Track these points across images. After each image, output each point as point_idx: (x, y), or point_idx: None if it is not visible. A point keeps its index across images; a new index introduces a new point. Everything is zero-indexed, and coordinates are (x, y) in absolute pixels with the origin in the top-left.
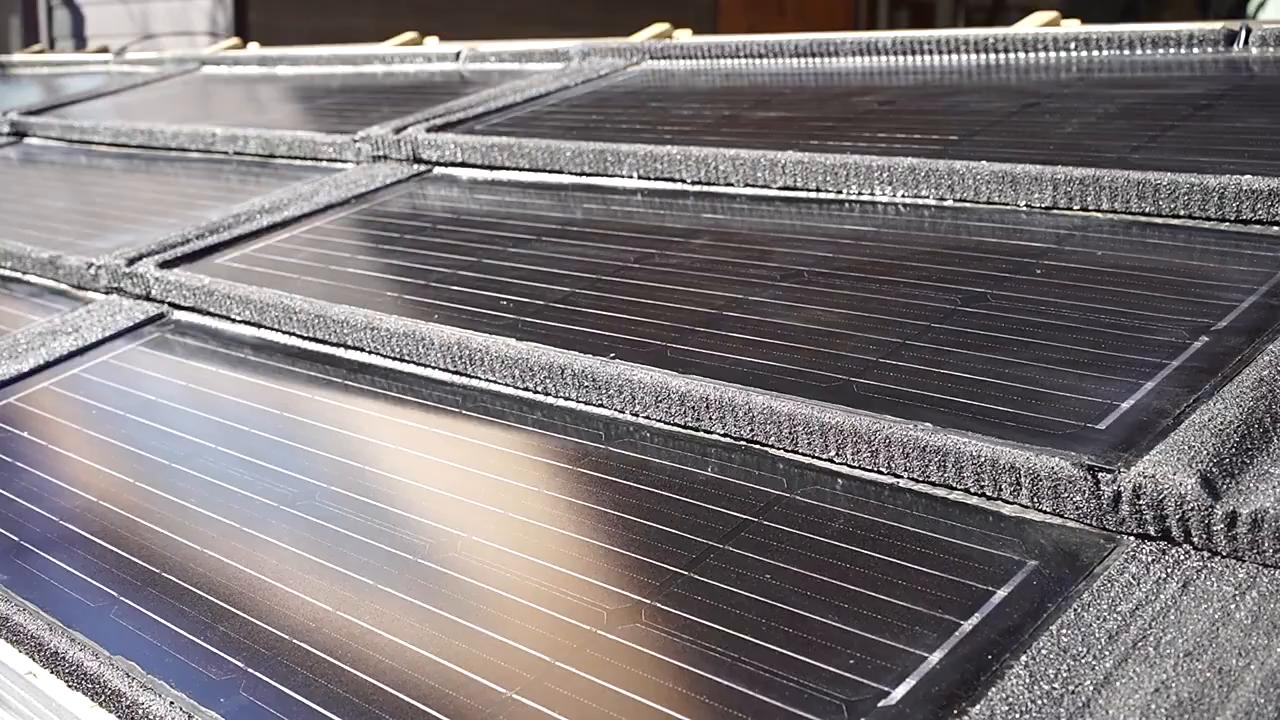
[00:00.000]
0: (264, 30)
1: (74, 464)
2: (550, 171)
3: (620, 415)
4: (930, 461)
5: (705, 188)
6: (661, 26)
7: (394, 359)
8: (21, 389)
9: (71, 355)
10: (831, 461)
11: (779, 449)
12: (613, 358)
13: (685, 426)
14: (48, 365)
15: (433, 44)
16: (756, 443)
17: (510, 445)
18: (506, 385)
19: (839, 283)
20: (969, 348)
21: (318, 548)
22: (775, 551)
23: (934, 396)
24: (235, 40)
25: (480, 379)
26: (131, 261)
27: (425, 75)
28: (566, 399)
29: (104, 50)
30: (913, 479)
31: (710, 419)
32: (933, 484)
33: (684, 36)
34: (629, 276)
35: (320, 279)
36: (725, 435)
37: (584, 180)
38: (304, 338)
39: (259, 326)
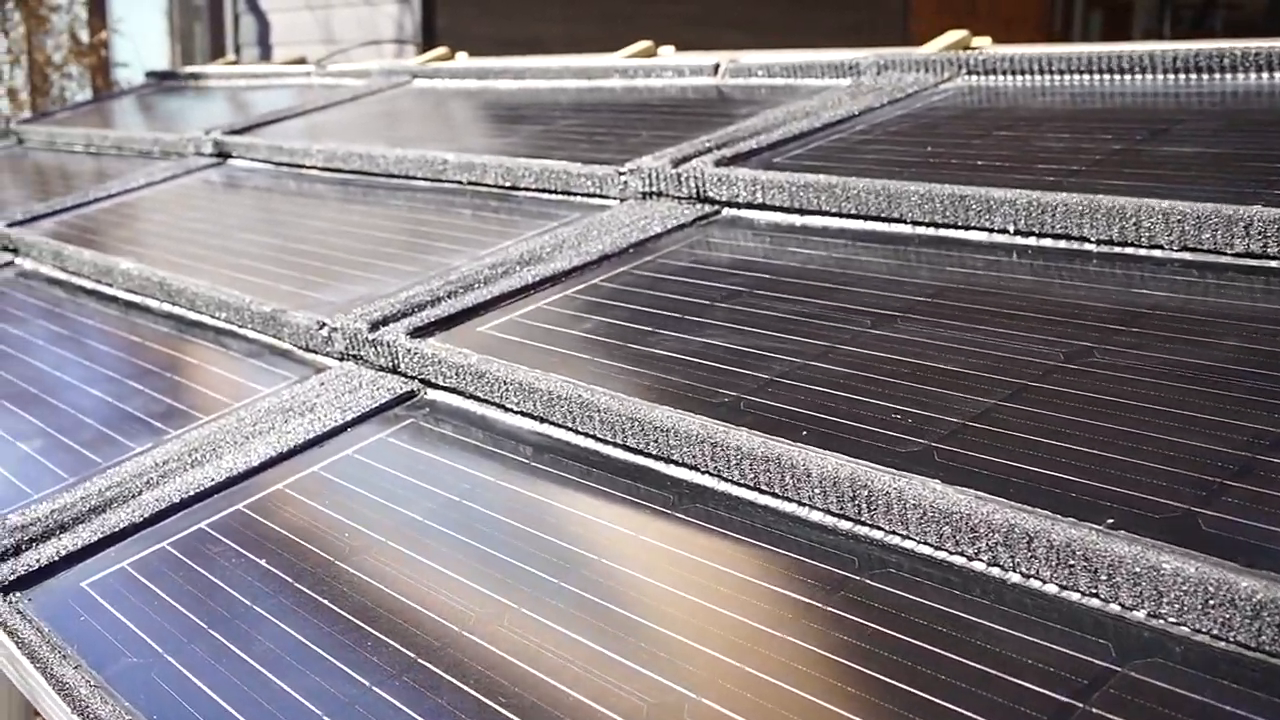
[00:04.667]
0: (451, 37)
1: (334, 619)
2: (886, 220)
3: (1134, 615)
4: None
5: (1116, 249)
6: (959, 33)
7: (746, 486)
8: (251, 490)
9: (308, 445)
10: None
11: None
12: (1111, 525)
13: (1261, 649)
14: (280, 458)
15: (668, 53)
16: None
17: (952, 645)
18: (929, 546)
19: None
20: None
21: None
22: None
23: None
24: (443, 50)
25: (883, 529)
26: (375, 326)
27: (676, 91)
28: (1029, 576)
29: (301, 61)
30: None
31: None
32: None
33: (985, 44)
34: (1069, 384)
35: (617, 361)
36: None
37: (933, 232)
38: (607, 442)
39: (543, 421)
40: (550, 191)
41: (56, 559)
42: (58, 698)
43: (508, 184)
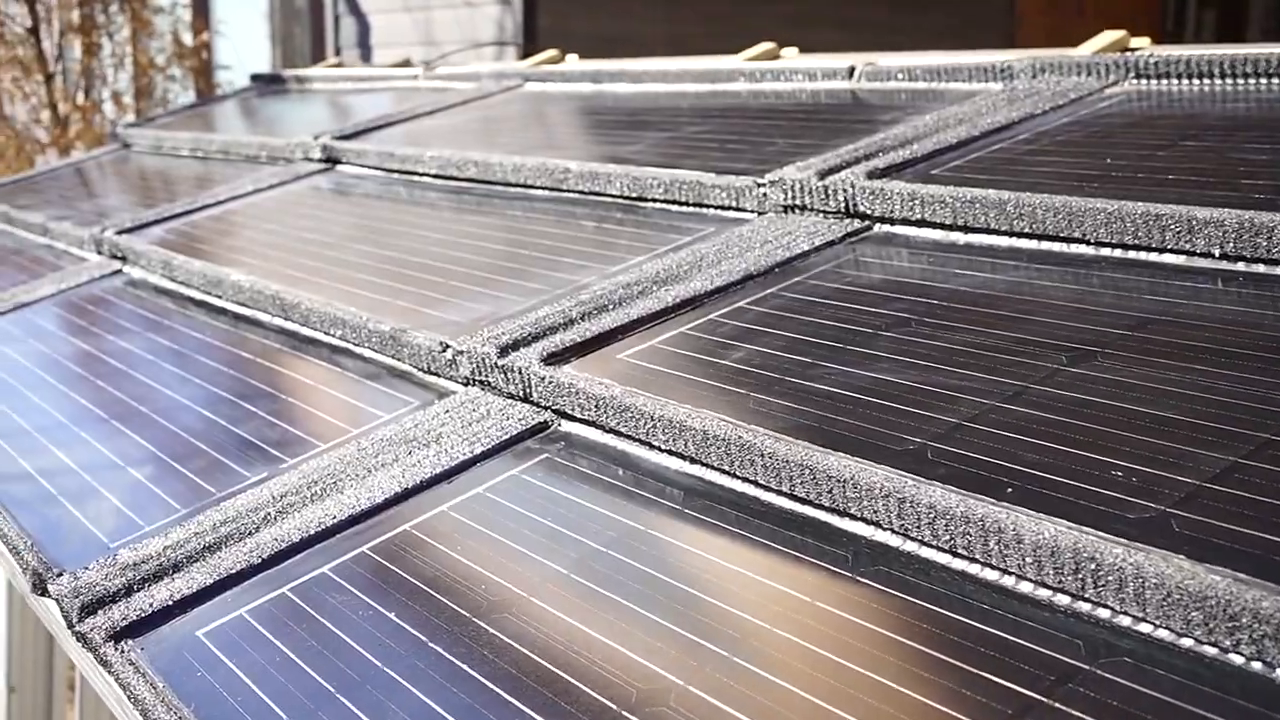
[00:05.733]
0: (553, 36)
1: (475, 688)
2: (1065, 240)
3: None
4: None
5: None
6: (1115, 34)
7: (938, 549)
8: (375, 530)
9: (435, 480)
10: None
11: None
12: None
13: None
14: (405, 494)
15: (791, 55)
16: None
17: None
18: (1170, 631)
19: None
20: None
21: None
22: None
23: None
24: (554, 52)
25: (1111, 609)
26: (505, 350)
27: (808, 96)
28: None
29: (407, 63)
30: None
31: None
32: None
33: (1144, 45)
34: None
35: (775, 396)
36: None
37: (1121, 254)
38: (770, 489)
39: (694, 461)
40: (680, 203)
41: (170, 603)
42: None
43: (634, 195)
